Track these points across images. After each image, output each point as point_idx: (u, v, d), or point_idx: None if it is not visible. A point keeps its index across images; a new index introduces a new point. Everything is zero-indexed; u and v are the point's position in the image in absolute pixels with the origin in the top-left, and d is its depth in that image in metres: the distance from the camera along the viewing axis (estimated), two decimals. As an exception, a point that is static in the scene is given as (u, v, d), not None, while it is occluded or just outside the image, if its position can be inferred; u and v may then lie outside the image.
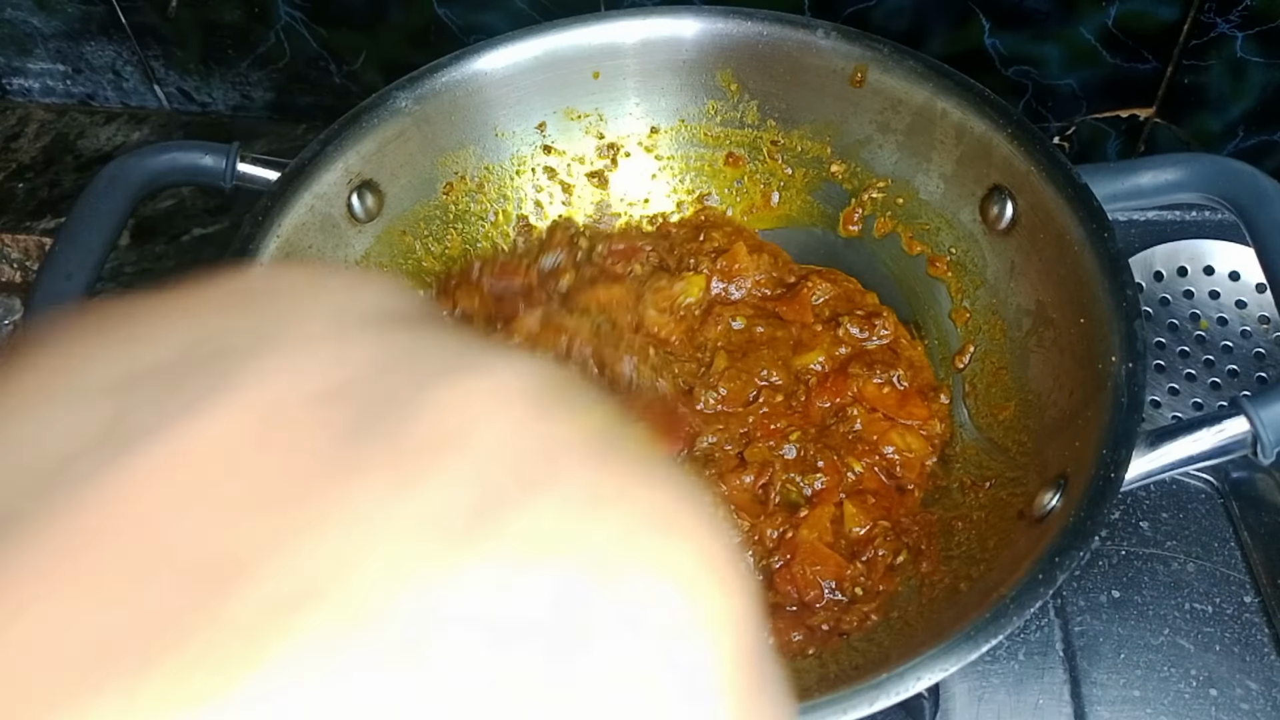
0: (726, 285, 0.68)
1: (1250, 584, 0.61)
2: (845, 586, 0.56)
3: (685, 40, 0.68)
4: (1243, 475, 0.65)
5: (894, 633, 0.54)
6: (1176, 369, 0.69)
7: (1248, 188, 0.57)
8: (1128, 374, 0.51)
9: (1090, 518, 0.48)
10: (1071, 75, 0.74)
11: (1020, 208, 0.61)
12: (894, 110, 0.66)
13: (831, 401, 0.62)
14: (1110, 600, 0.61)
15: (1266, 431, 0.50)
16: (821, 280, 0.68)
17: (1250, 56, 0.71)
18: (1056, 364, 0.57)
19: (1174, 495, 0.65)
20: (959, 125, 0.63)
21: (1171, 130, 0.77)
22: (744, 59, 0.68)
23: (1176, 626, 0.60)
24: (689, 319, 0.66)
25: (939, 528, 0.58)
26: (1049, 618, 0.60)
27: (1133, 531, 0.64)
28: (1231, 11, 0.69)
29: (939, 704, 0.58)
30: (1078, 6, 0.70)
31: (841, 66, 0.66)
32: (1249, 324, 0.70)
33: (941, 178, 0.65)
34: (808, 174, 0.71)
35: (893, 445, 0.61)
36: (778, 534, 0.57)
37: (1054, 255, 0.58)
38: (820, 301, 0.67)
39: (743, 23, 0.67)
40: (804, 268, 0.70)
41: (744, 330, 0.66)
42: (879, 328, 0.65)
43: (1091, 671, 0.59)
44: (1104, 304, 0.54)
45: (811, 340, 0.65)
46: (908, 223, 0.68)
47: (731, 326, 0.66)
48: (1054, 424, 0.56)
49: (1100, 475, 0.49)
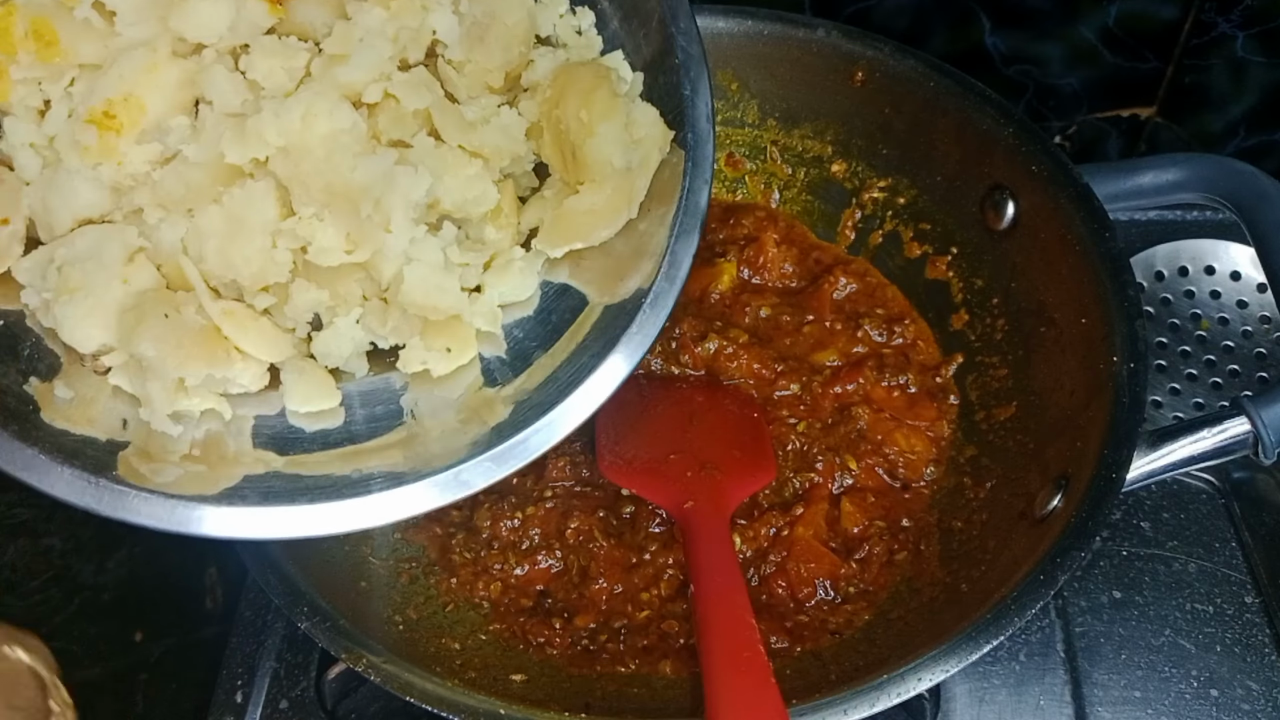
0: (752, 275, 0.68)
1: (1251, 584, 0.61)
2: (839, 585, 0.56)
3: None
4: (1244, 475, 0.65)
5: (894, 633, 0.53)
6: (1178, 369, 0.69)
7: (1249, 187, 0.57)
8: (1129, 374, 0.51)
9: (1092, 518, 0.48)
10: (1072, 75, 0.74)
11: (1021, 207, 0.61)
12: (895, 109, 0.66)
13: (842, 389, 0.63)
14: (1111, 601, 0.61)
15: (1268, 432, 0.49)
16: (844, 274, 0.67)
17: (1251, 56, 0.71)
18: (1058, 364, 0.57)
19: (1175, 496, 0.65)
20: (960, 124, 0.63)
21: (1172, 130, 0.76)
22: (745, 58, 0.68)
23: (1178, 627, 0.60)
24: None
25: (939, 528, 0.58)
26: (1050, 618, 0.60)
27: (1134, 532, 0.64)
28: (1232, 11, 0.69)
29: (940, 704, 0.57)
30: (1078, 6, 0.70)
31: (842, 66, 0.66)
32: (1250, 324, 0.70)
33: (942, 177, 0.65)
34: (808, 173, 0.71)
35: (896, 446, 0.61)
36: (774, 531, 0.57)
37: (1055, 255, 0.58)
38: (842, 296, 0.67)
39: (743, 22, 0.67)
40: (831, 256, 0.70)
41: (770, 318, 0.66)
42: (898, 332, 0.65)
43: (1092, 672, 0.58)
44: (1105, 304, 0.54)
45: (828, 338, 0.65)
46: (909, 222, 0.68)
47: (759, 315, 0.66)
48: (1055, 424, 0.56)
49: (1102, 475, 0.49)
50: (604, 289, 0.44)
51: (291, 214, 0.40)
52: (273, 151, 0.39)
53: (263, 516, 0.38)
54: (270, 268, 0.40)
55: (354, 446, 0.42)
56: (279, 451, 0.41)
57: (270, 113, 0.39)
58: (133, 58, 0.39)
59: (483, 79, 0.44)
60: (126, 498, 0.37)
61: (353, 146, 0.40)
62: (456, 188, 0.42)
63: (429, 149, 0.41)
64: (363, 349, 0.43)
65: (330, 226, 0.40)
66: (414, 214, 0.41)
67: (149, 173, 0.40)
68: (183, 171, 0.40)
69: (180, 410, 0.40)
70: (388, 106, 0.41)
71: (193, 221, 0.40)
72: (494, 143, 0.43)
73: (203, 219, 0.40)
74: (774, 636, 0.54)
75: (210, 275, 0.40)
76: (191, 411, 0.40)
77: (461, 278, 0.43)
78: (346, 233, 0.40)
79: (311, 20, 0.42)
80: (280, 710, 0.59)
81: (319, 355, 0.42)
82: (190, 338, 0.39)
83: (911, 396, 0.63)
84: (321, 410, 0.42)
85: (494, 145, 0.43)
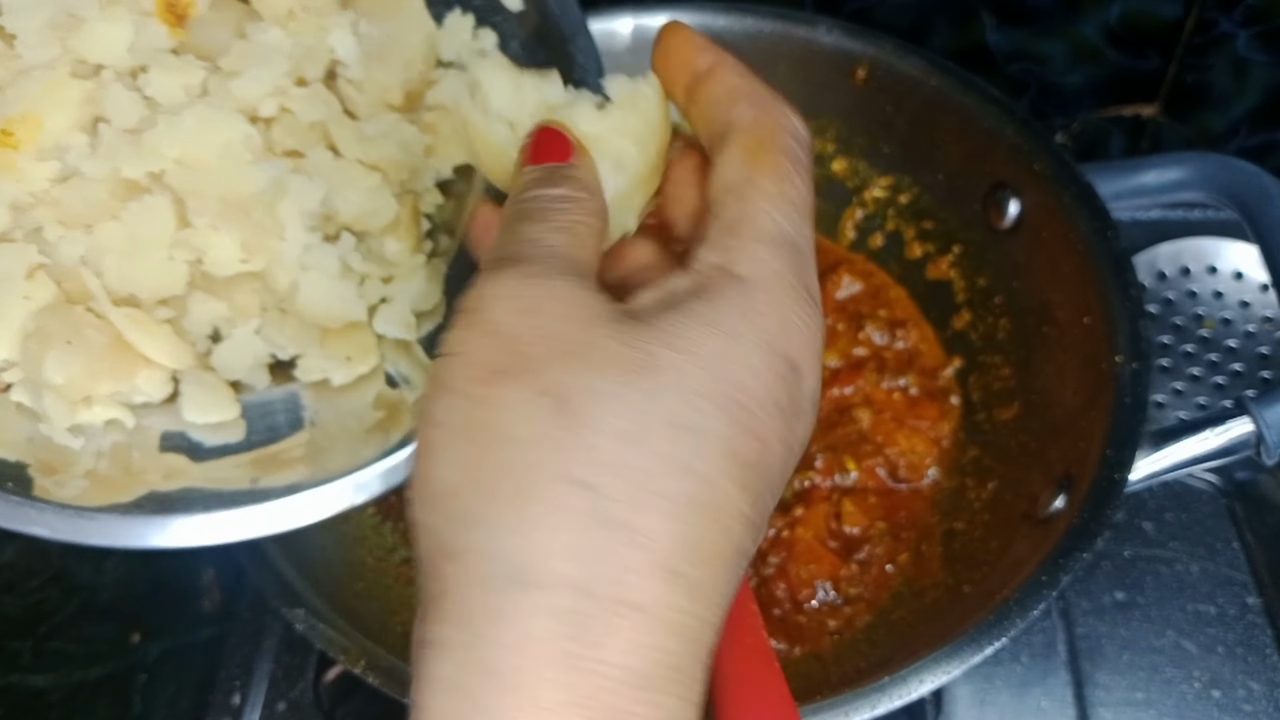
0: None
1: (1254, 585, 0.61)
2: (840, 587, 0.56)
3: (686, 37, 0.68)
4: (1247, 476, 0.65)
5: (896, 635, 0.53)
6: (1180, 369, 0.69)
7: (1251, 187, 0.57)
8: (1132, 374, 0.51)
9: (1094, 519, 0.48)
10: (1075, 73, 0.74)
11: (1024, 206, 0.60)
12: (896, 108, 0.65)
13: (841, 391, 0.62)
14: (1114, 602, 0.61)
15: (1271, 432, 0.49)
16: (849, 273, 0.67)
17: (1253, 55, 0.71)
18: (1061, 364, 0.57)
19: (1178, 496, 0.65)
20: (962, 123, 0.63)
21: (1175, 128, 0.76)
22: (745, 56, 0.66)
23: (1180, 628, 0.60)
24: None
25: (941, 529, 0.58)
26: (1052, 619, 0.60)
27: (1136, 533, 0.63)
28: (1234, 9, 0.68)
29: (941, 706, 0.57)
30: (1081, 4, 0.70)
31: (844, 64, 0.65)
32: (1253, 324, 0.70)
33: (945, 176, 0.65)
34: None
35: (897, 446, 0.61)
36: (774, 533, 0.57)
37: (1058, 254, 0.58)
38: (845, 296, 0.67)
39: (744, 19, 0.66)
40: (834, 256, 0.69)
41: None
42: (900, 336, 0.65)
43: (1095, 674, 0.58)
44: (1109, 303, 0.54)
45: (830, 339, 0.65)
46: (911, 221, 0.67)
47: None
48: (1058, 425, 0.55)
49: (1104, 476, 0.49)
50: None
51: (188, 226, 0.40)
52: (168, 164, 0.39)
53: (160, 526, 0.38)
54: (168, 280, 0.40)
55: (252, 454, 0.42)
56: (186, 460, 0.41)
57: (165, 126, 0.39)
58: (31, 78, 0.40)
59: (382, 97, 0.44)
60: (23, 510, 0.37)
61: (246, 156, 0.40)
62: (355, 200, 0.42)
63: (325, 160, 0.42)
64: (263, 361, 0.43)
65: (225, 236, 0.40)
66: (309, 222, 0.41)
67: (48, 190, 0.40)
68: (82, 188, 0.40)
69: (81, 423, 0.40)
70: (283, 120, 0.42)
71: (92, 238, 0.40)
72: (391, 156, 0.43)
73: (102, 235, 0.40)
74: (774, 638, 0.54)
75: (110, 290, 0.40)
76: (94, 423, 0.40)
77: (363, 288, 0.43)
78: (241, 242, 0.40)
79: (211, 42, 0.42)
80: (278, 712, 0.59)
81: (219, 368, 0.42)
82: (96, 356, 0.39)
83: (912, 398, 0.63)
84: (221, 421, 0.42)
85: (391, 159, 0.43)
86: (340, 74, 0.45)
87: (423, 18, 0.45)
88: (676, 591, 0.23)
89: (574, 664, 0.23)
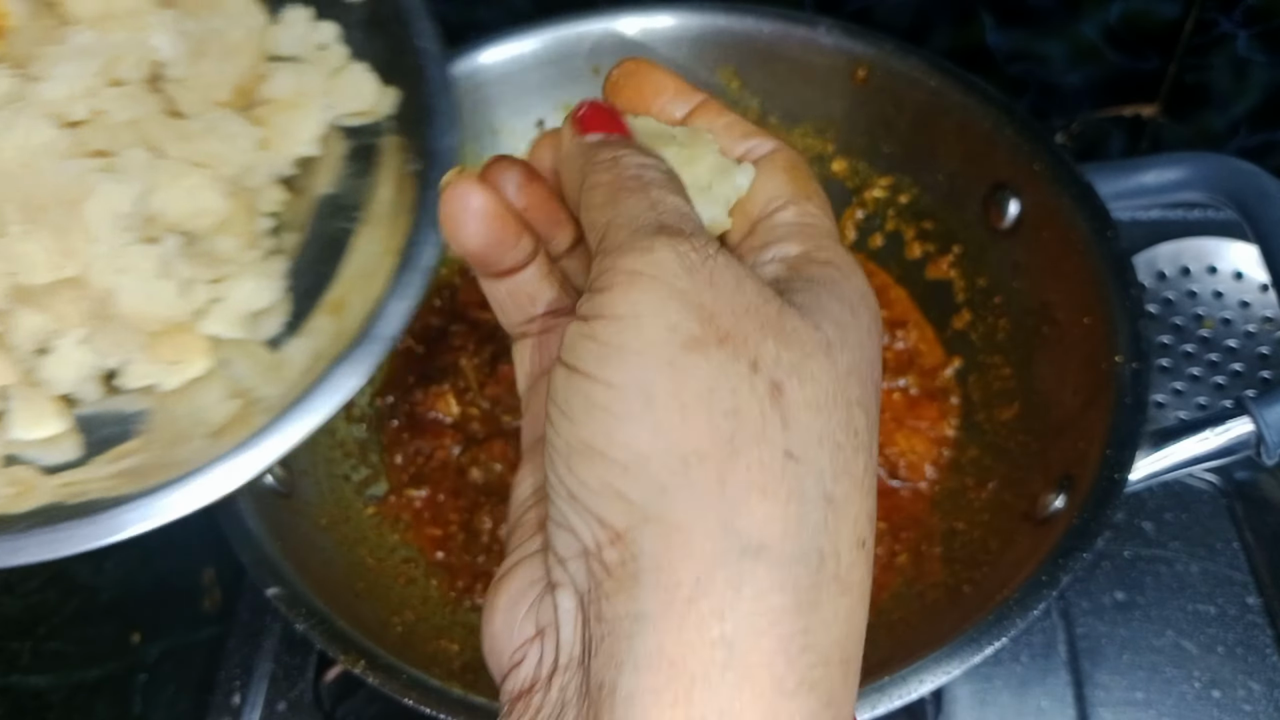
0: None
1: (1254, 585, 0.61)
2: None
3: (686, 36, 0.68)
4: (1247, 476, 0.65)
5: (896, 635, 0.53)
6: (1180, 369, 0.69)
7: (1251, 187, 0.57)
8: (1132, 374, 0.51)
9: (1094, 519, 0.48)
10: (1075, 73, 0.74)
11: (1024, 206, 0.60)
12: (896, 108, 0.65)
13: None
14: (1114, 602, 0.61)
15: (1271, 432, 0.49)
16: None
17: (1253, 55, 0.71)
18: (1061, 364, 0.57)
19: (1178, 496, 0.65)
20: (962, 123, 0.63)
21: (1174, 128, 0.76)
22: (745, 55, 0.68)
23: (1180, 628, 0.60)
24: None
25: (941, 529, 0.58)
26: (1052, 619, 0.60)
27: (1136, 533, 0.63)
28: (1234, 9, 0.68)
29: (941, 706, 0.57)
30: (1081, 4, 0.70)
31: (844, 64, 0.65)
32: (1253, 324, 0.70)
33: (945, 176, 0.65)
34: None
35: (897, 446, 0.61)
36: None
37: (1058, 254, 0.58)
38: None
39: (744, 19, 0.66)
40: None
41: None
42: (900, 336, 0.65)
43: (1095, 674, 0.58)
44: (1109, 303, 0.54)
45: None
46: (911, 221, 0.67)
47: None
48: (1058, 424, 0.55)
49: (1104, 476, 0.49)
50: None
51: (4, 236, 0.39)
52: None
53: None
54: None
55: (85, 469, 0.41)
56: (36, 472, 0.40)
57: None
58: None
59: (209, 94, 0.43)
60: None
61: (52, 158, 0.39)
62: (178, 199, 0.41)
63: (139, 159, 0.41)
64: (93, 372, 0.42)
65: (35, 242, 0.38)
66: (122, 223, 0.39)
67: None
68: None
69: None
70: (96, 121, 0.41)
71: None
72: (217, 151, 0.42)
73: None
74: None
75: None
76: None
77: (188, 289, 0.41)
78: (50, 246, 0.39)
79: (29, 50, 0.41)
80: (278, 712, 0.59)
81: (46, 382, 0.41)
82: None
83: (912, 398, 0.63)
84: (51, 436, 0.41)
85: (217, 154, 0.42)
86: (165, 73, 0.44)
87: (249, 12, 0.45)
88: (867, 566, 0.24)
89: (804, 642, 0.22)
